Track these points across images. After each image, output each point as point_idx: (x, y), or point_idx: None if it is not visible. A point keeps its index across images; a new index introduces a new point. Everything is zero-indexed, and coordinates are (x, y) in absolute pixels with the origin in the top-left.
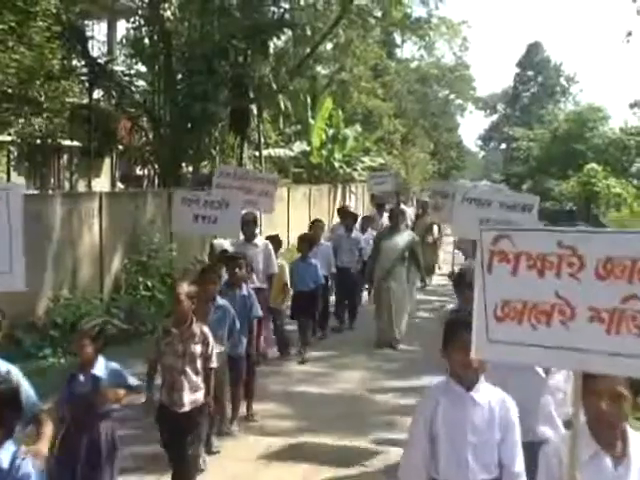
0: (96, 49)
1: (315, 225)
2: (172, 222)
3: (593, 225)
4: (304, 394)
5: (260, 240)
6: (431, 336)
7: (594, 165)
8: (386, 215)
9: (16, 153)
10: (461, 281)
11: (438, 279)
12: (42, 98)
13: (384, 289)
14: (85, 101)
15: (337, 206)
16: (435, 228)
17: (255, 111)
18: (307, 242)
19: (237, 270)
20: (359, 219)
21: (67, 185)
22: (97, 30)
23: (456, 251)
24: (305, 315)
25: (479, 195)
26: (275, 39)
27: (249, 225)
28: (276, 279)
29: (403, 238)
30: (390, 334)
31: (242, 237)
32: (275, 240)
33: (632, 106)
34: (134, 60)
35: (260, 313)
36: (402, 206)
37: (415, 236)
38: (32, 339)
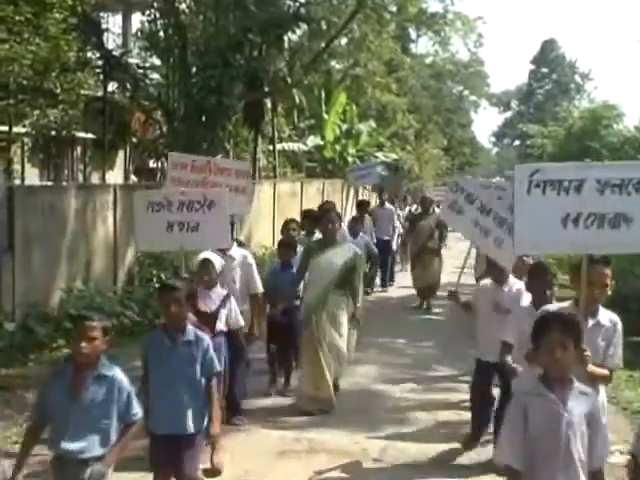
0: (111, 41)
1: (287, 226)
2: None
3: None
4: None
5: (237, 250)
6: (443, 331)
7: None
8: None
9: (30, 144)
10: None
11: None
12: (57, 90)
13: (310, 327)
14: (100, 93)
15: (349, 201)
16: (436, 234)
17: (269, 105)
18: (288, 246)
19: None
20: (346, 221)
21: (81, 177)
22: (112, 22)
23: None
24: (285, 342)
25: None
26: (290, 33)
27: None
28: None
29: (339, 254)
30: (322, 393)
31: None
32: (287, 245)
33: None
34: (149, 53)
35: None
36: (387, 205)
37: (357, 253)
38: (46, 329)
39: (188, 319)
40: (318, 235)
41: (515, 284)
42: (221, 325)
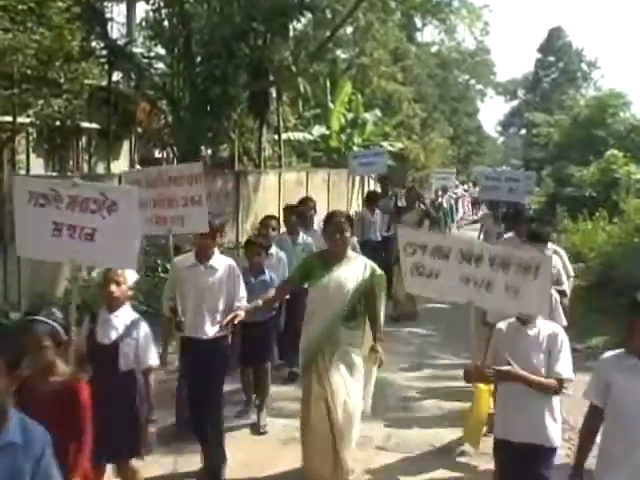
0: (115, 31)
1: (265, 223)
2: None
3: (611, 212)
4: None
5: (220, 260)
6: (447, 319)
7: (615, 151)
8: (378, 214)
9: (35, 135)
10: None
11: None
12: (61, 80)
13: (312, 375)
14: (104, 83)
15: (355, 191)
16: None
17: (274, 94)
18: (255, 246)
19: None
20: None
21: (86, 167)
22: (116, 12)
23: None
24: (259, 360)
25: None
26: (295, 22)
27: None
28: None
29: (351, 273)
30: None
31: (193, 256)
32: (253, 244)
33: None
34: (153, 42)
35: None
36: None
37: (376, 270)
38: None
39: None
40: (305, 237)
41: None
42: (123, 364)
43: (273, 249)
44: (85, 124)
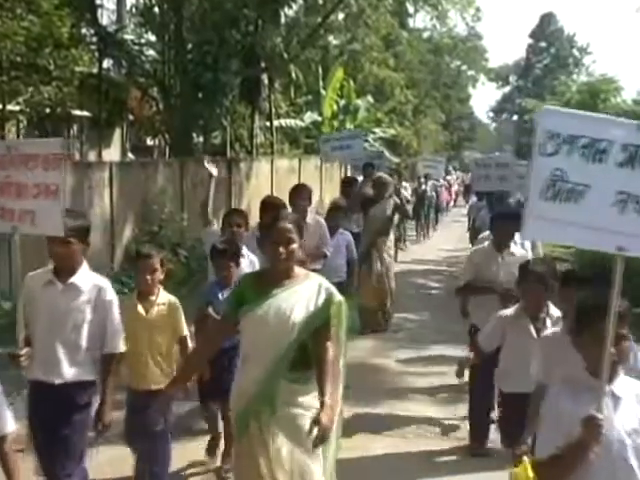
0: (105, 17)
1: (232, 215)
2: None
3: None
4: None
5: (89, 278)
6: (441, 306)
7: None
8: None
9: (25, 122)
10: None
11: (445, 243)
12: (51, 67)
13: (246, 444)
14: (95, 70)
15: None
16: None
17: (266, 81)
18: (228, 259)
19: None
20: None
21: (77, 155)
22: None
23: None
24: (225, 392)
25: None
26: (287, 8)
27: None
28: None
29: (300, 299)
30: None
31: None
32: (220, 253)
33: None
34: (144, 29)
35: None
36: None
37: (333, 295)
38: None
39: None
40: None
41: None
42: None
43: (243, 250)
44: (76, 112)
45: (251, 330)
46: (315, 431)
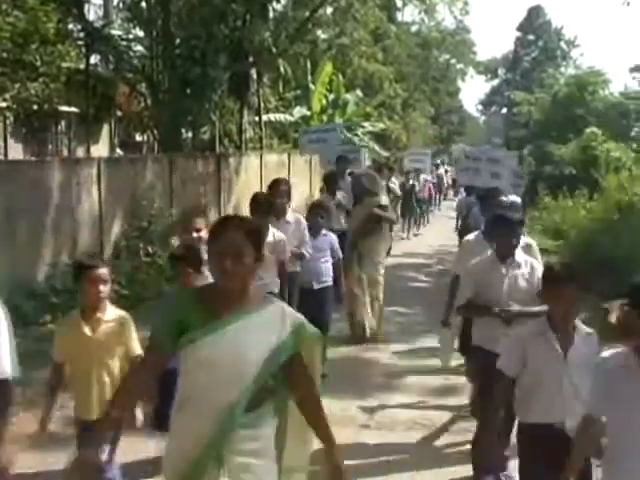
0: (92, 13)
1: (191, 220)
2: None
3: (591, 189)
4: None
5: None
6: (431, 297)
7: (594, 129)
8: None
9: (12, 119)
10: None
11: (438, 235)
12: (38, 63)
13: None
14: (82, 66)
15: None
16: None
17: (255, 76)
18: (183, 260)
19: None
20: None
21: (65, 151)
22: None
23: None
24: None
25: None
26: (275, 2)
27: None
28: None
29: (259, 331)
30: None
31: None
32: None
33: (632, 70)
34: (131, 24)
35: None
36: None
37: (303, 327)
38: (32, 305)
39: None
40: (276, 233)
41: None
42: None
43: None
44: (63, 108)
45: (193, 370)
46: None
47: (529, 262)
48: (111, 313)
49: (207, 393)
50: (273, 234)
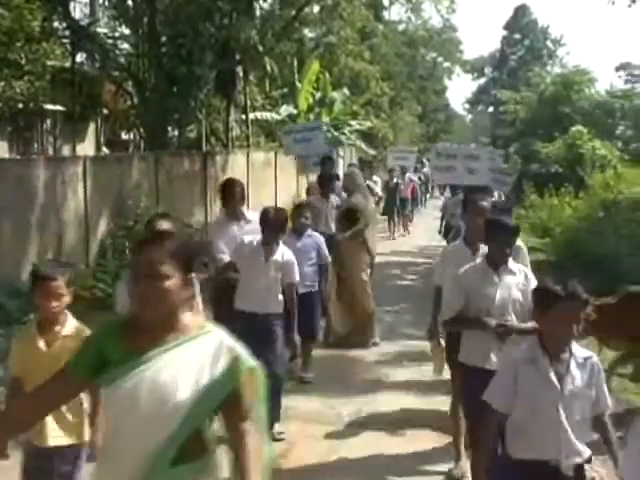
0: (78, 10)
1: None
2: None
3: (576, 187)
4: None
5: None
6: (417, 295)
7: (580, 127)
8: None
9: None
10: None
11: (423, 235)
12: (23, 61)
13: None
14: (67, 64)
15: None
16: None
17: (241, 74)
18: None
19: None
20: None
21: (51, 150)
22: None
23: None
24: None
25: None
26: (261, 1)
27: None
28: None
29: (189, 364)
30: None
31: None
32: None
33: (618, 69)
34: (117, 22)
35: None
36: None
37: (242, 360)
38: (16, 304)
39: None
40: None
41: None
42: None
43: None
44: (49, 106)
45: (114, 412)
46: None
47: (522, 270)
48: (70, 326)
49: (128, 439)
50: (282, 254)
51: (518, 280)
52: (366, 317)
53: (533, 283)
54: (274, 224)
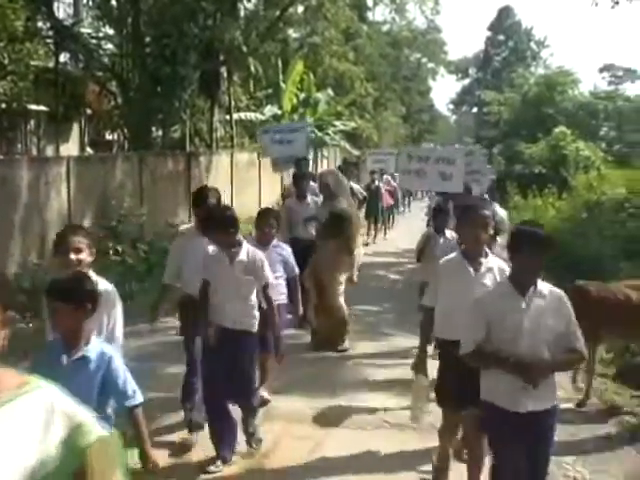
0: (62, 10)
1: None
2: None
3: (560, 188)
4: None
5: None
6: (399, 296)
7: (563, 128)
8: (311, 202)
9: None
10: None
11: (404, 238)
12: (6, 61)
13: None
14: (51, 64)
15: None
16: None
17: (225, 74)
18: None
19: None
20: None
21: (35, 150)
22: None
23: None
24: None
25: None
26: (245, 1)
27: None
28: None
29: (20, 430)
30: None
31: None
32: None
33: (601, 70)
34: (101, 22)
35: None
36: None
37: (88, 429)
38: None
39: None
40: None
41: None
42: None
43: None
44: (32, 106)
45: None
46: None
47: (555, 293)
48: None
49: None
50: (247, 253)
51: (551, 304)
52: (340, 323)
53: (568, 308)
54: (225, 223)
